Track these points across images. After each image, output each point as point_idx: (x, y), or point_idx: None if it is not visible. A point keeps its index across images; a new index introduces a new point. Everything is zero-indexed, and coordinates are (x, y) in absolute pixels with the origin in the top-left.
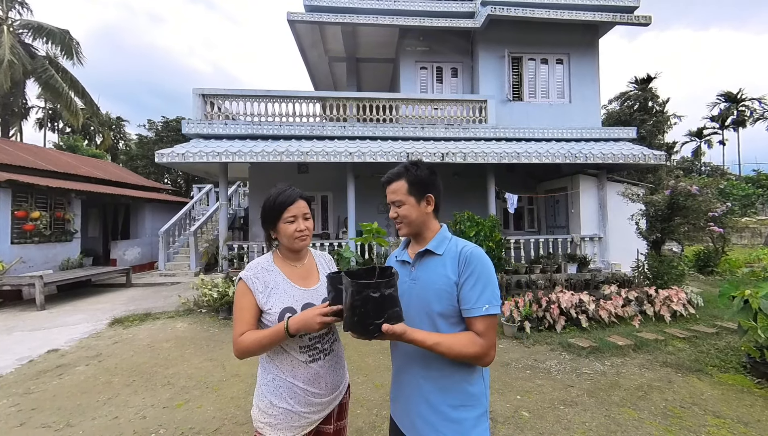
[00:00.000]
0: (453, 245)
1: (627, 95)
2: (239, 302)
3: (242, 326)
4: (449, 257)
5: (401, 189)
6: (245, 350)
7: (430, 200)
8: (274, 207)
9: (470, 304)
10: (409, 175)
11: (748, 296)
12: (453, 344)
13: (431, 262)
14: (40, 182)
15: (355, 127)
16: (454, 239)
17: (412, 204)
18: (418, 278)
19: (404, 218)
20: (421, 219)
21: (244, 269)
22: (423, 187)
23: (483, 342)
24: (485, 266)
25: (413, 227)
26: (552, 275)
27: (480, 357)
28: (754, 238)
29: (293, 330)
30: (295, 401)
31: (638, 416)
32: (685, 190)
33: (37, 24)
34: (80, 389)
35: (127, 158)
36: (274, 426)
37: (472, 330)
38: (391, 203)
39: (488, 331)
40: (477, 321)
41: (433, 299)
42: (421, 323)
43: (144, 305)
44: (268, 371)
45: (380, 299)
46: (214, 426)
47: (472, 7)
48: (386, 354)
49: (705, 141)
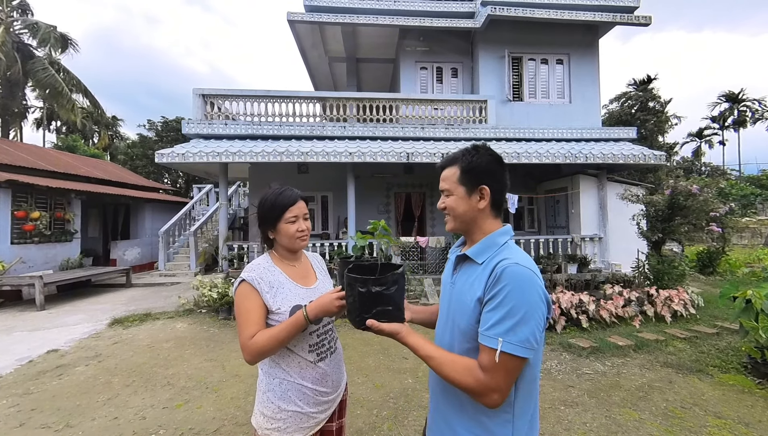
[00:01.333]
0: (496, 255)
1: (627, 95)
2: (244, 305)
3: (251, 327)
4: (486, 269)
5: (452, 176)
6: (259, 351)
7: (484, 193)
8: (274, 207)
9: (484, 327)
10: (464, 161)
11: (750, 297)
12: (444, 364)
13: (470, 269)
14: (40, 182)
15: (355, 128)
16: (505, 248)
17: (461, 195)
18: (456, 284)
19: (451, 210)
20: (470, 215)
21: (246, 271)
22: (477, 177)
23: (483, 379)
24: (520, 290)
25: (459, 223)
26: (552, 276)
27: (476, 394)
28: (754, 238)
29: (312, 316)
30: (304, 402)
31: (639, 417)
32: (686, 190)
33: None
34: (80, 389)
35: (126, 158)
36: (283, 430)
37: (479, 359)
38: (441, 192)
39: (494, 370)
40: (484, 351)
41: (458, 312)
42: (444, 331)
43: (144, 305)
44: (274, 375)
45: (367, 295)
46: (213, 427)
47: (472, 8)
48: (386, 354)
49: (705, 141)
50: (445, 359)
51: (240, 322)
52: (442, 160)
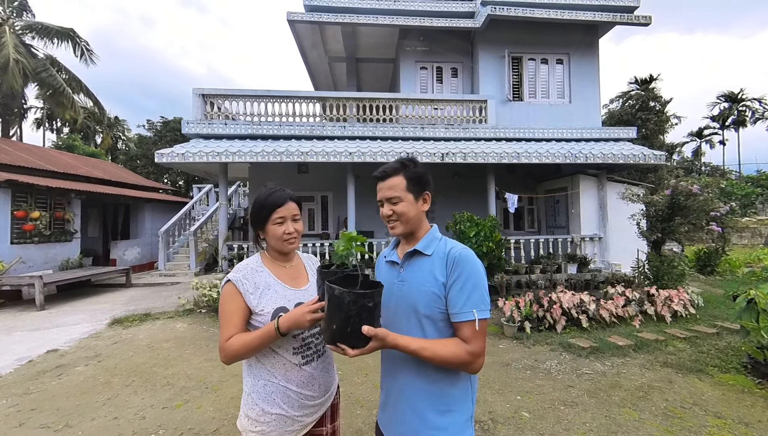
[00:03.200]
0: (442, 245)
1: (628, 95)
2: (226, 306)
3: (229, 330)
4: (438, 258)
5: (399, 185)
6: (233, 354)
7: (427, 198)
8: (263, 208)
9: (457, 308)
10: (408, 171)
11: (753, 296)
12: (438, 350)
13: (420, 263)
14: (40, 182)
15: (355, 127)
16: (444, 240)
17: (410, 201)
18: (406, 280)
19: (402, 215)
20: (417, 218)
21: (233, 271)
22: (421, 184)
23: (470, 348)
24: (474, 268)
25: (409, 226)
26: (552, 275)
27: (467, 364)
28: (754, 238)
29: (284, 329)
30: (288, 405)
31: (639, 417)
32: (686, 189)
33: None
34: (79, 389)
35: (126, 158)
36: (267, 434)
37: (459, 336)
38: (386, 200)
39: (476, 337)
40: (464, 326)
41: (420, 301)
42: (408, 325)
43: (144, 305)
44: (258, 376)
45: (335, 302)
46: (213, 427)
47: (472, 7)
48: None
49: (705, 141)
50: (435, 345)
51: (221, 323)
52: (380, 170)
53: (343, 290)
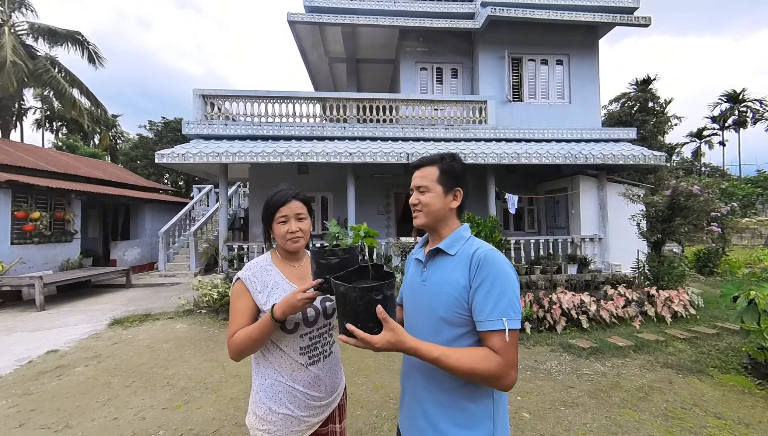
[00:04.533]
0: (468, 245)
1: (627, 96)
2: (235, 304)
3: (235, 326)
4: (461, 259)
5: (431, 175)
6: (237, 348)
7: (457, 195)
8: (267, 207)
9: (483, 315)
10: (444, 164)
11: (754, 297)
12: (462, 358)
13: (442, 262)
14: (40, 183)
15: (355, 128)
16: (471, 240)
17: (438, 193)
18: (428, 279)
19: (425, 205)
20: (442, 212)
21: (243, 269)
22: (454, 179)
23: (500, 360)
24: (502, 271)
25: (431, 219)
26: (552, 276)
27: (497, 378)
28: (754, 239)
29: (278, 314)
30: (294, 405)
31: (639, 417)
32: (687, 190)
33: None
34: (79, 390)
35: (126, 159)
36: (273, 433)
37: (487, 346)
38: (415, 188)
39: (507, 349)
40: (492, 336)
41: (439, 303)
42: (426, 329)
43: (144, 305)
44: (266, 375)
45: (342, 298)
46: (213, 427)
47: (472, 8)
48: (386, 355)
49: (705, 141)
50: (459, 354)
51: (229, 320)
52: (418, 160)
53: (347, 287)
